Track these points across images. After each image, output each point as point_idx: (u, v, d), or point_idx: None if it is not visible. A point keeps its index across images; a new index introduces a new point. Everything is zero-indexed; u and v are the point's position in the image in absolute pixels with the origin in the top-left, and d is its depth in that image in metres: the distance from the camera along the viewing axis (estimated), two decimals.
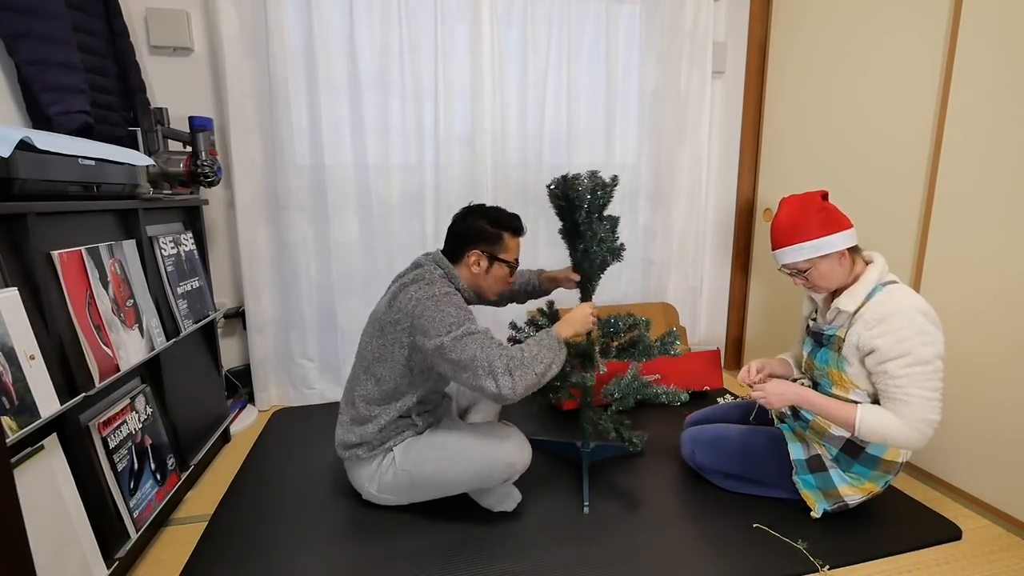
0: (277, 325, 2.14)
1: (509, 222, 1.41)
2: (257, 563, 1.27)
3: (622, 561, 1.26)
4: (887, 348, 1.18)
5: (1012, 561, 1.28)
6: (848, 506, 1.36)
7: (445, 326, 1.23)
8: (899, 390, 1.19)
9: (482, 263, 1.38)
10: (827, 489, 1.35)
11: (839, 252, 1.25)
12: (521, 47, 2.14)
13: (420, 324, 1.25)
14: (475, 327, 1.26)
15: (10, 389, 0.88)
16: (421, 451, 1.37)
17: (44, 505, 0.97)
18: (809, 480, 1.37)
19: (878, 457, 1.29)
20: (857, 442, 1.30)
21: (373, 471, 1.39)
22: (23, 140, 0.95)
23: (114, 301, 1.23)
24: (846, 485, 1.33)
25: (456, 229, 1.42)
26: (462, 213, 1.43)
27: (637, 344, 1.46)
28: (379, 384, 1.36)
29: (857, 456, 1.31)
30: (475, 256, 1.38)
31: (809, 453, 1.38)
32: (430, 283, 1.31)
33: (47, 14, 1.37)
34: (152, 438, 1.35)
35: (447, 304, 1.26)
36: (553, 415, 2.01)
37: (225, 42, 1.85)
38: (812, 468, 1.37)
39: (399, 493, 1.40)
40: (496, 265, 1.40)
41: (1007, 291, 1.40)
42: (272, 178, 2.01)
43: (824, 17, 1.96)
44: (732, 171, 2.51)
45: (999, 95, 1.40)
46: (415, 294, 1.28)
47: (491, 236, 1.38)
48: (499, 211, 1.43)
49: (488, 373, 1.18)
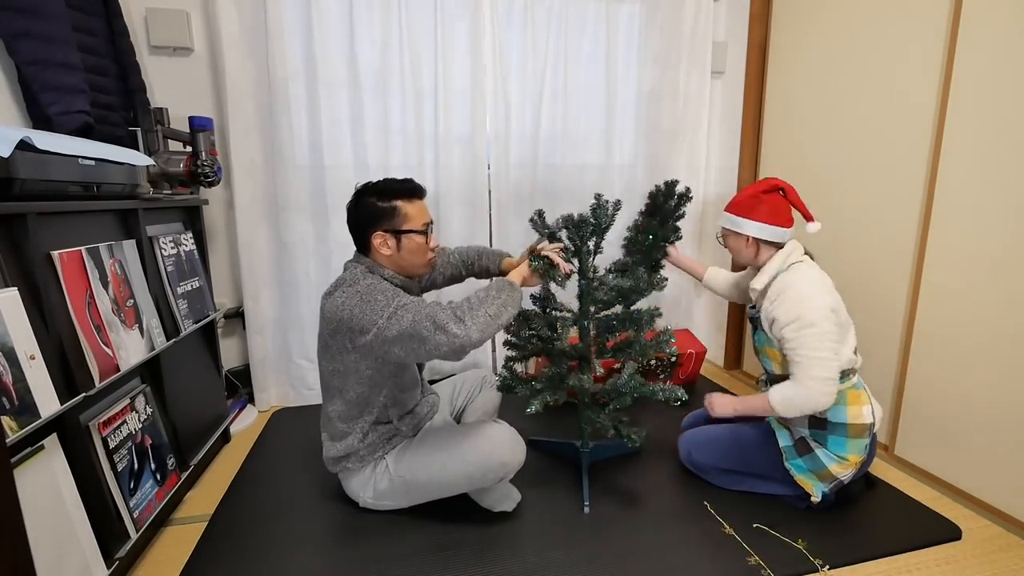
0: (277, 325, 2.14)
1: (399, 189, 1.31)
2: (257, 563, 1.27)
3: (622, 561, 1.26)
4: (782, 316, 1.32)
5: (1012, 561, 1.28)
6: (843, 483, 1.39)
7: (376, 313, 1.18)
8: (793, 352, 1.31)
9: (390, 242, 1.30)
10: (818, 470, 1.38)
11: (745, 236, 1.42)
12: (521, 47, 2.15)
13: (354, 324, 1.21)
14: (406, 299, 1.21)
15: (10, 389, 0.88)
16: (413, 456, 1.37)
17: (44, 505, 0.97)
18: (800, 464, 1.41)
19: (844, 423, 1.35)
20: (817, 415, 1.37)
21: (366, 479, 1.39)
22: (23, 140, 0.95)
23: (114, 301, 1.23)
24: (834, 463, 1.36)
25: (351, 220, 1.34)
26: (352, 200, 1.34)
27: (632, 344, 1.46)
28: (343, 396, 1.34)
29: (824, 427, 1.37)
30: (379, 239, 1.29)
31: (795, 438, 1.43)
32: (352, 282, 1.26)
33: (47, 14, 1.37)
34: (152, 438, 1.35)
35: (372, 293, 1.21)
36: (553, 415, 2.01)
37: (225, 42, 1.85)
38: (800, 452, 1.41)
39: (396, 498, 1.39)
40: (405, 239, 1.30)
41: (1007, 290, 1.40)
42: (272, 178, 2.01)
43: (824, 17, 1.96)
44: (732, 171, 2.51)
45: (999, 95, 1.40)
46: (339, 299, 1.24)
47: (385, 212, 1.29)
48: (386, 182, 1.33)
49: (436, 328, 1.13)
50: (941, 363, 1.57)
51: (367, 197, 1.30)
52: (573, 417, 1.57)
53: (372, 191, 1.31)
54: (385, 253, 1.31)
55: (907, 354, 1.67)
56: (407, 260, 1.33)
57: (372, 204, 1.29)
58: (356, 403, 1.34)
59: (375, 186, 1.32)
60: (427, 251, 1.36)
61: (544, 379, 1.43)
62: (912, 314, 1.65)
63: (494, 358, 2.38)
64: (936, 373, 1.59)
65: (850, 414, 1.35)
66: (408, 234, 1.31)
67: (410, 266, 1.35)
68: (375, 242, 1.30)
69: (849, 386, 1.37)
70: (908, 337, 1.66)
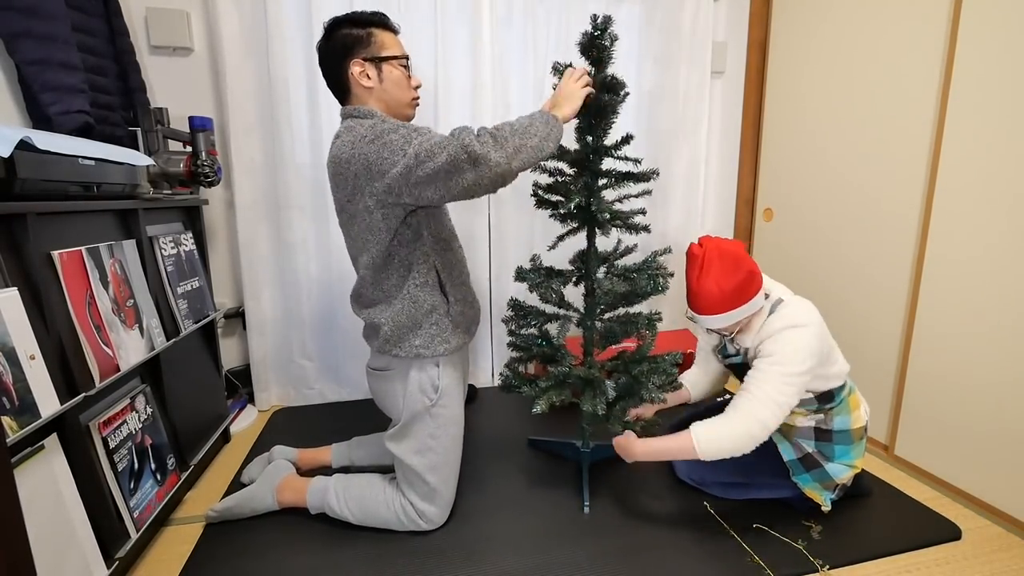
0: (277, 325, 2.14)
1: (373, 17, 1.23)
2: (257, 563, 1.27)
3: (622, 561, 1.26)
4: (765, 351, 1.25)
5: (1012, 561, 1.28)
6: (847, 486, 1.39)
7: (396, 152, 1.07)
8: (753, 382, 1.23)
9: (370, 72, 1.21)
10: (825, 481, 1.37)
11: (740, 320, 1.28)
12: (521, 47, 2.14)
13: (373, 168, 1.10)
14: (425, 130, 1.11)
15: (10, 389, 0.88)
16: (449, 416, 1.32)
17: (44, 505, 0.97)
18: (807, 478, 1.38)
19: (847, 430, 1.34)
20: (822, 426, 1.34)
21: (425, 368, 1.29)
22: (23, 140, 0.95)
23: (114, 301, 1.23)
24: (842, 474, 1.35)
25: (324, 56, 1.24)
26: (323, 37, 1.24)
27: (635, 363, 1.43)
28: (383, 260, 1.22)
29: (831, 439, 1.35)
30: (358, 67, 1.20)
31: (799, 452, 1.38)
32: (350, 129, 1.15)
33: (47, 14, 1.37)
34: (152, 438, 1.35)
35: (383, 133, 1.10)
36: (552, 415, 2.01)
37: (225, 42, 1.85)
38: (807, 466, 1.38)
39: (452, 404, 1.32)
40: (385, 67, 1.22)
41: (1007, 291, 1.40)
42: (272, 178, 2.01)
43: (824, 16, 1.96)
44: (732, 171, 2.51)
45: (999, 95, 1.40)
46: (346, 149, 1.12)
47: (360, 38, 1.20)
48: (359, 12, 1.24)
49: (474, 161, 1.02)
50: (941, 363, 1.57)
51: (339, 28, 1.21)
52: (573, 417, 1.57)
53: (344, 21, 1.22)
54: (366, 85, 1.21)
55: (907, 353, 1.67)
56: (391, 95, 1.24)
57: (346, 34, 1.20)
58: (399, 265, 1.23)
59: (346, 17, 1.22)
60: (410, 88, 1.27)
61: (550, 378, 1.43)
62: (912, 314, 1.65)
63: (493, 358, 2.38)
64: (936, 373, 1.59)
65: (852, 420, 1.35)
66: (388, 61, 1.22)
67: (396, 103, 1.26)
68: (354, 72, 1.20)
69: (847, 393, 1.36)
70: (908, 337, 1.66)
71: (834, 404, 1.34)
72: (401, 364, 1.31)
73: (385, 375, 1.34)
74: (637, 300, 1.42)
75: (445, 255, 1.30)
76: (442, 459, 1.33)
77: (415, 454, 1.31)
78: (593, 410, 1.34)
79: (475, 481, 1.59)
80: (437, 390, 1.31)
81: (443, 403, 1.32)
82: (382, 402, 1.39)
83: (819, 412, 1.35)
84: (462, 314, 1.32)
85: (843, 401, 1.34)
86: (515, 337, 1.53)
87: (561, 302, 1.48)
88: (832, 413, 1.34)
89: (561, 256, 1.58)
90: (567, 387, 1.40)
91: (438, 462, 1.32)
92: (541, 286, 1.43)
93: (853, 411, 1.35)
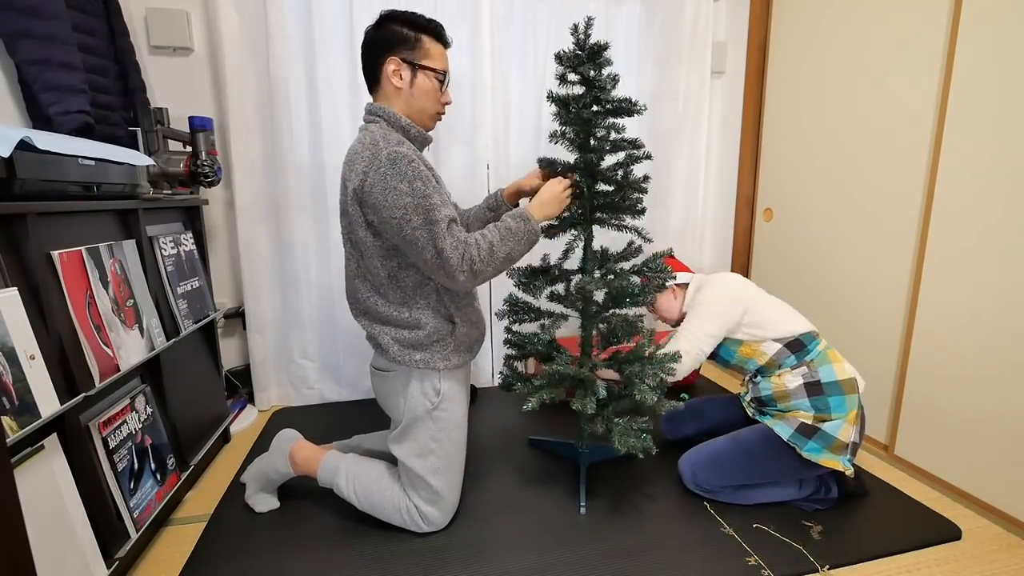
0: (277, 325, 2.14)
1: (428, 24, 1.22)
2: (257, 563, 1.27)
3: (619, 561, 1.26)
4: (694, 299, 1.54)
5: (1012, 561, 1.28)
6: (857, 444, 1.39)
7: (399, 208, 1.10)
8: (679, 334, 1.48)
9: (404, 74, 1.20)
10: (831, 444, 1.34)
11: (670, 288, 1.60)
12: (521, 47, 2.15)
13: (380, 209, 1.13)
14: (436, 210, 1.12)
15: (10, 389, 0.88)
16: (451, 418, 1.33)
17: (44, 505, 0.97)
18: (814, 446, 1.35)
19: (835, 380, 1.38)
20: (810, 379, 1.38)
21: (426, 377, 1.30)
22: (23, 140, 0.95)
23: (114, 301, 1.23)
24: (840, 429, 1.34)
25: (367, 42, 1.23)
26: (374, 23, 1.23)
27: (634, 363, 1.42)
28: (384, 282, 1.24)
29: (822, 391, 1.37)
30: (394, 65, 1.19)
31: (795, 425, 1.37)
32: (368, 135, 1.17)
33: (47, 14, 1.37)
34: (152, 438, 1.35)
35: (397, 175, 1.11)
36: (552, 415, 2.02)
37: (225, 42, 1.85)
38: (807, 434, 1.36)
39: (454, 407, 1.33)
40: (420, 74, 1.22)
41: (1008, 290, 1.40)
42: (272, 178, 2.01)
43: (824, 16, 1.96)
44: (732, 171, 2.51)
45: (999, 95, 1.40)
46: (359, 162, 1.14)
47: (407, 39, 1.20)
48: (417, 14, 1.23)
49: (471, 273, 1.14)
50: (941, 363, 1.57)
51: (392, 22, 1.21)
52: (573, 417, 1.57)
53: (400, 17, 1.21)
54: (396, 84, 1.21)
55: (907, 354, 1.67)
56: (418, 102, 1.24)
57: (396, 30, 1.20)
58: (402, 284, 1.25)
59: (403, 13, 1.22)
60: (438, 102, 1.27)
61: (544, 377, 1.43)
62: (912, 313, 1.65)
63: (493, 358, 2.38)
64: (936, 373, 1.59)
65: (837, 371, 1.39)
66: (425, 71, 1.22)
67: (420, 111, 1.26)
68: (388, 68, 1.20)
69: (825, 346, 1.43)
70: (908, 336, 1.66)
71: (811, 354, 1.41)
72: (402, 367, 1.31)
73: (386, 376, 1.34)
74: (637, 301, 1.41)
75: None
76: (444, 463, 1.33)
77: (416, 457, 1.31)
78: (582, 409, 1.34)
79: (475, 481, 1.58)
80: (439, 394, 1.31)
81: (444, 407, 1.32)
82: (384, 402, 1.39)
83: (800, 365, 1.41)
84: (467, 335, 1.33)
85: (820, 353, 1.41)
86: (510, 334, 1.53)
87: (559, 300, 1.47)
88: (815, 365, 1.40)
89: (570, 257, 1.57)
90: (561, 386, 1.40)
91: (440, 465, 1.32)
92: (527, 285, 1.43)
93: (835, 363, 1.40)
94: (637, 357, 1.42)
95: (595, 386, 1.40)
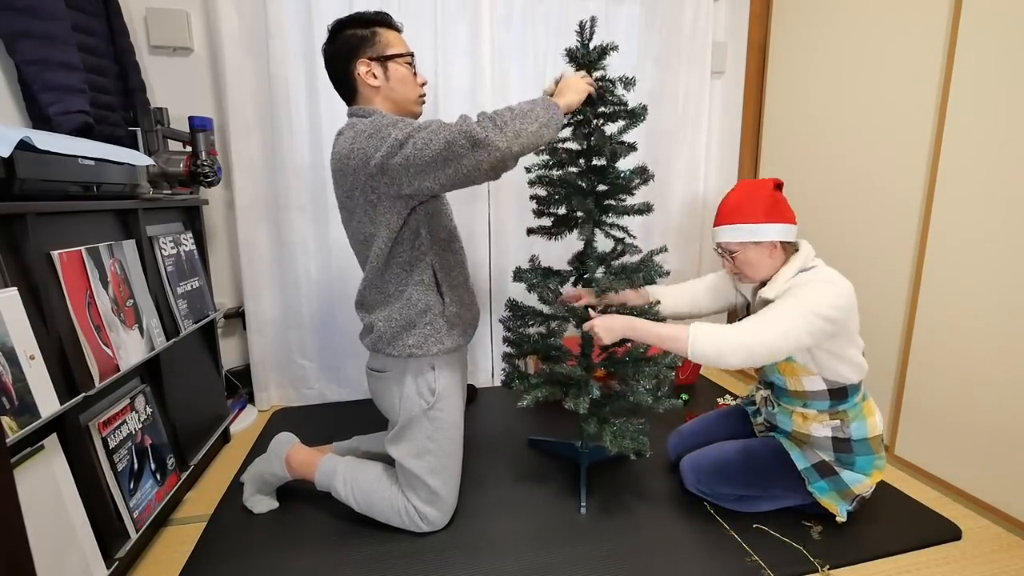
0: (277, 325, 2.14)
1: (377, 16, 1.25)
2: (257, 563, 1.27)
3: (619, 561, 1.26)
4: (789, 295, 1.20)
5: (1012, 561, 1.28)
6: (865, 498, 1.34)
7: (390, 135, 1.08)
8: (769, 309, 1.18)
9: (376, 71, 1.22)
10: (842, 491, 1.32)
11: (771, 243, 1.25)
12: (521, 47, 2.14)
13: (371, 160, 1.10)
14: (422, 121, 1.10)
15: (10, 389, 0.88)
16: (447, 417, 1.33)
17: (44, 505, 0.97)
18: (823, 486, 1.33)
19: (866, 438, 1.29)
20: (839, 435, 1.29)
21: (422, 371, 1.29)
22: (23, 140, 0.94)
23: (114, 301, 1.23)
24: (859, 483, 1.31)
25: (330, 58, 1.25)
26: (328, 39, 1.25)
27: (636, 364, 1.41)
28: (383, 268, 1.24)
29: (851, 450, 1.29)
30: (364, 67, 1.21)
31: (813, 460, 1.34)
32: (352, 126, 1.17)
33: (47, 14, 1.37)
34: (152, 438, 1.35)
35: (380, 127, 1.11)
36: (552, 415, 2.02)
37: (225, 42, 1.85)
38: (822, 474, 1.33)
39: (451, 405, 1.33)
40: (391, 65, 1.23)
41: (1008, 290, 1.40)
42: (272, 178, 2.01)
43: (824, 16, 1.96)
44: (732, 171, 2.51)
45: (999, 94, 1.40)
46: (345, 144, 1.15)
47: (365, 38, 1.22)
48: (361, 12, 1.26)
49: (475, 144, 1.01)
50: (942, 362, 1.57)
51: (344, 30, 1.23)
52: (573, 417, 1.57)
53: (348, 23, 1.23)
54: (373, 84, 1.23)
55: (907, 354, 1.67)
56: (399, 92, 1.25)
57: (351, 34, 1.22)
58: (399, 266, 1.25)
59: (350, 18, 1.24)
60: (416, 84, 1.29)
61: (541, 375, 1.43)
62: (913, 313, 1.65)
63: (493, 358, 2.38)
64: (936, 372, 1.59)
65: (869, 427, 1.29)
66: (394, 60, 1.23)
67: (403, 100, 1.26)
68: (360, 72, 1.22)
69: (862, 398, 1.31)
70: (909, 336, 1.66)
71: (848, 405, 1.28)
72: (397, 365, 1.31)
73: (382, 376, 1.34)
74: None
75: (443, 255, 1.30)
76: (441, 462, 1.33)
77: (413, 457, 1.31)
78: (575, 408, 1.34)
79: (475, 481, 1.59)
80: (434, 393, 1.31)
81: (440, 406, 1.32)
82: (380, 403, 1.39)
83: (834, 417, 1.29)
84: (458, 315, 1.32)
85: (857, 405, 1.29)
86: (511, 333, 1.53)
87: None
88: (848, 418, 1.28)
89: (560, 256, 1.58)
90: (558, 384, 1.40)
91: (437, 465, 1.32)
92: (539, 286, 1.43)
93: (869, 417, 1.29)
94: (634, 359, 1.42)
95: (589, 386, 1.40)
